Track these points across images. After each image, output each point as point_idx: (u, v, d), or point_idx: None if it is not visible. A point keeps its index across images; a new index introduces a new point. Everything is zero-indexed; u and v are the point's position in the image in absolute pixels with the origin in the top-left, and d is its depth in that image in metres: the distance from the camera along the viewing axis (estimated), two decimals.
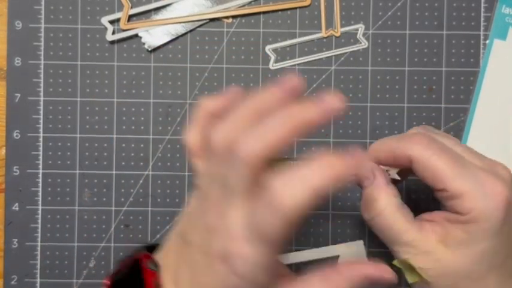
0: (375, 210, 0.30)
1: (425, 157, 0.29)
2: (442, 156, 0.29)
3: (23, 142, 0.41)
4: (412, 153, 0.30)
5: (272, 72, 0.41)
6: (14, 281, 0.40)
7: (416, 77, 0.40)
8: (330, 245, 0.41)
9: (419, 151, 0.29)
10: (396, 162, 0.31)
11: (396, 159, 0.31)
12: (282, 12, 0.41)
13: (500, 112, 0.40)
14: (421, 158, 0.29)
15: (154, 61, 0.41)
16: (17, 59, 0.40)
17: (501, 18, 0.40)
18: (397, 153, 0.30)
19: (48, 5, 0.40)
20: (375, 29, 0.40)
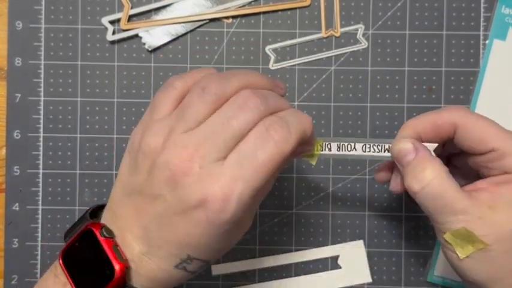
0: (424, 180, 0.29)
1: (472, 120, 0.30)
2: (486, 119, 0.30)
3: (23, 142, 0.41)
4: (457, 119, 0.30)
5: (272, 72, 0.41)
6: (14, 280, 0.40)
7: (416, 77, 0.40)
8: (330, 245, 0.41)
9: (465, 115, 0.30)
10: (438, 132, 0.31)
11: (438, 129, 0.31)
12: (282, 12, 0.41)
13: (500, 112, 0.40)
14: (468, 121, 0.30)
15: (154, 61, 0.41)
16: (18, 59, 0.41)
17: (501, 19, 0.40)
18: (439, 123, 0.31)
19: (49, 5, 0.41)
20: (374, 29, 0.41)
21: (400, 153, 0.31)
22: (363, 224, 0.41)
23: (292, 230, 0.41)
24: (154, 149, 0.27)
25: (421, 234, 0.40)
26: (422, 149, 0.30)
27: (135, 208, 0.29)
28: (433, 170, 0.29)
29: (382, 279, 0.40)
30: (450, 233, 0.28)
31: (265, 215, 0.41)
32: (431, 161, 0.30)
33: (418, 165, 0.30)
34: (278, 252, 0.41)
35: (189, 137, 0.27)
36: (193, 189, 0.26)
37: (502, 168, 0.29)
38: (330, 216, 0.41)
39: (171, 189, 0.27)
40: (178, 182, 0.27)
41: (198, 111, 0.27)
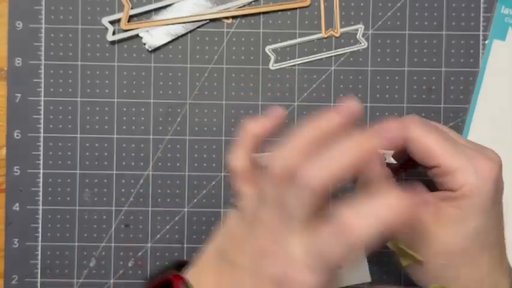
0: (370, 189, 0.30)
1: (419, 135, 0.30)
2: (435, 135, 0.30)
3: (23, 142, 0.41)
4: (407, 133, 0.30)
5: (272, 72, 0.41)
6: (14, 280, 0.40)
7: (416, 77, 0.40)
8: None
9: (414, 130, 0.30)
10: (391, 145, 0.31)
11: (391, 143, 0.31)
12: (282, 12, 0.41)
13: (500, 112, 0.40)
14: (416, 136, 0.30)
15: (154, 61, 0.41)
16: (18, 59, 0.41)
17: (500, 19, 0.40)
18: (393, 136, 0.31)
19: (49, 6, 0.41)
20: (374, 29, 0.41)
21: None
22: None
23: None
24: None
25: None
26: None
27: (218, 271, 0.27)
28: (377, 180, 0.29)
29: (382, 279, 0.40)
30: (391, 243, 0.30)
31: None
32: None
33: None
34: None
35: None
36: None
37: (446, 184, 0.30)
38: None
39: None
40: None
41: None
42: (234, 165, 0.28)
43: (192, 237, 0.41)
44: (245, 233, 0.26)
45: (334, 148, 0.23)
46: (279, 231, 0.24)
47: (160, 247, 0.41)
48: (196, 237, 0.41)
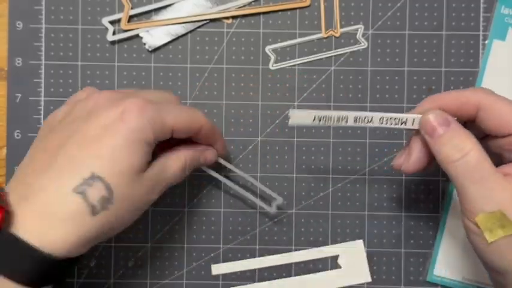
0: (465, 149, 0.29)
1: (496, 101, 0.30)
2: (508, 102, 0.30)
3: (23, 142, 0.41)
4: (481, 99, 0.30)
5: (272, 72, 0.41)
6: None
7: (416, 77, 0.40)
8: (330, 245, 0.41)
9: (489, 96, 0.30)
10: (461, 110, 0.31)
11: (462, 107, 0.31)
12: (282, 12, 0.41)
13: None
14: (492, 102, 0.30)
15: (154, 61, 0.41)
16: (18, 59, 0.41)
17: (500, 19, 0.40)
18: (463, 100, 0.30)
19: (49, 6, 0.41)
20: (374, 29, 0.41)
21: (431, 124, 0.30)
22: (363, 224, 0.41)
23: (292, 230, 0.41)
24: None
25: (421, 234, 0.40)
26: (454, 121, 0.30)
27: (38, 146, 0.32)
28: (471, 140, 0.29)
29: (382, 279, 0.41)
30: (483, 215, 0.27)
31: (265, 215, 0.41)
32: (467, 132, 0.29)
33: (456, 135, 0.29)
34: (278, 252, 0.41)
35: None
36: (118, 101, 0.31)
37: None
38: (330, 216, 0.41)
39: (89, 110, 0.31)
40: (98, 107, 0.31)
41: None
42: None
43: (192, 237, 0.41)
44: (62, 120, 0.32)
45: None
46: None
47: (160, 247, 0.41)
48: (196, 237, 0.41)
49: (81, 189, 0.28)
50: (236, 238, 0.41)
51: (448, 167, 0.29)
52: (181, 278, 0.41)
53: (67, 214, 0.28)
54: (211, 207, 0.41)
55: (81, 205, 0.28)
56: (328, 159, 0.41)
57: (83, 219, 0.28)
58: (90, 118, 0.30)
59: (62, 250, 0.28)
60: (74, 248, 0.28)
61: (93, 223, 0.29)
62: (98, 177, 0.29)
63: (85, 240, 0.29)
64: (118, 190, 0.29)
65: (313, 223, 0.41)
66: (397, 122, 0.32)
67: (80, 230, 0.28)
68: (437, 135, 0.30)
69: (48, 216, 0.28)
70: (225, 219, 0.41)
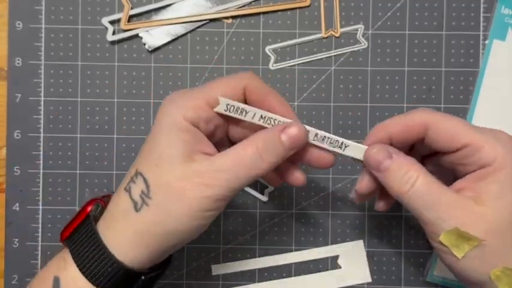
0: (411, 180, 0.29)
1: (442, 119, 0.30)
2: (455, 117, 0.30)
3: (23, 142, 0.41)
4: (427, 119, 0.30)
5: (272, 72, 0.41)
6: (14, 280, 0.40)
7: (416, 77, 0.40)
8: (330, 245, 0.41)
9: (434, 115, 0.30)
10: (409, 133, 0.31)
11: (410, 130, 0.31)
12: (282, 12, 0.41)
13: (500, 112, 0.40)
14: (438, 120, 0.30)
15: (154, 61, 0.41)
16: (18, 59, 0.41)
17: (500, 19, 0.40)
18: (410, 124, 0.31)
19: (49, 6, 0.41)
20: (374, 29, 0.41)
21: (375, 158, 0.30)
22: (363, 224, 0.41)
23: (292, 230, 0.41)
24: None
25: (421, 234, 0.40)
26: (396, 152, 0.30)
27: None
28: (415, 169, 0.29)
29: (382, 279, 0.41)
30: (444, 234, 0.28)
31: (265, 215, 0.41)
32: (410, 162, 0.30)
33: (401, 166, 0.30)
34: (278, 252, 0.41)
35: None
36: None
37: (477, 162, 0.29)
38: (330, 216, 0.41)
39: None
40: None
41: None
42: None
43: None
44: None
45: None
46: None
47: None
48: (196, 237, 0.41)
49: (128, 187, 0.29)
50: (236, 238, 0.41)
51: (400, 198, 0.30)
52: (181, 278, 0.41)
53: (119, 213, 0.30)
54: None
55: (127, 202, 0.29)
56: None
57: (129, 216, 0.29)
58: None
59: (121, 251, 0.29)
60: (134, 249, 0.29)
61: (139, 219, 0.29)
62: (139, 173, 0.29)
63: (140, 239, 0.29)
64: (154, 181, 0.29)
65: (313, 223, 0.41)
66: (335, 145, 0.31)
67: (130, 227, 0.29)
68: (383, 169, 0.30)
69: (109, 217, 0.30)
70: (225, 219, 0.41)
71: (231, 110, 0.30)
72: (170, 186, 0.28)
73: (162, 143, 0.29)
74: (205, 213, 0.29)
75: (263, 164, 0.29)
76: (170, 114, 0.29)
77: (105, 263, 0.29)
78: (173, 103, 0.30)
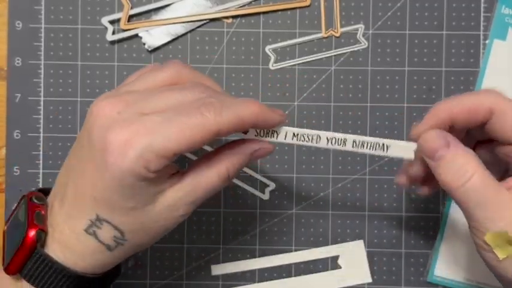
0: (466, 175, 0.27)
1: (509, 105, 0.28)
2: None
3: (23, 142, 0.41)
4: (495, 104, 0.28)
5: (272, 72, 0.41)
6: None
7: (416, 77, 0.40)
8: (330, 245, 0.41)
9: (503, 101, 0.28)
10: (473, 117, 0.29)
11: (474, 114, 0.29)
12: (282, 12, 0.41)
13: None
14: (506, 108, 0.28)
15: (154, 61, 0.41)
16: (17, 59, 0.41)
17: (501, 19, 0.40)
18: (476, 107, 0.28)
19: (49, 5, 0.41)
20: (374, 29, 0.40)
21: (430, 146, 0.28)
22: (363, 224, 0.41)
23: (292, 230, 0.41)
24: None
25: (421, 234, 0.40)
26: (454, 142, 0.28)
27: (64, 166, 0.30)
28: (472, 164, 0.27)
29: (382, 279, 0.40)
30: (490, 234, 0.27)
31: (265, 215, 0.41)
32: (468, 155, 0.28)
33: (458, 158, 0.28)
34: (278, 252, 0.41)
35: (127, 95, 0.28)
36: (101, 131, 0.26)
37: None
38: (330, 216, 0.41)
39: (88, 134, 0.27)
40: (93, 125, 0.27)
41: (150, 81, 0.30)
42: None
43: (192, 237, 0.41)
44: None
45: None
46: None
47: (160, 247, 0.41)
48: (196, 237, 0.41)
49: (91, 231, 0.28)
50: (236, 238, 0.41)
51: (451, 191, 0.28)
52: (181, 278, 0.41)
53: (85, 252, 0.29)
54: (211, 207, 0.41)
55: (96, 244, 0.28)
56: (328, 159, 0.41)
57: (101, 255, 0.29)
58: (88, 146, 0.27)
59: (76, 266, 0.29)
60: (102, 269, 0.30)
61: (113, 255, 0.29)
62: (103, 220, 0.28)
63: (111, 265, 0.30)
64: (128, 228, 0.28)
65: (313, 223, 0.41)
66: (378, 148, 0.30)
67: (102, 261, 0.29)
68: (437, 158, 0.28)
69: (69, 252, 0.29)
70: (225, 219, 0.41)
71: (261, 134, 0.30)
72: (147, 227, 0.28)
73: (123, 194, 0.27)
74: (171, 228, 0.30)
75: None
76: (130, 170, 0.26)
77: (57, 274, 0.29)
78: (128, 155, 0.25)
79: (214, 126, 0.26)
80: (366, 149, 0.30)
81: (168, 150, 0.26)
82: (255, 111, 0.28)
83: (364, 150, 0.30)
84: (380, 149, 0.30)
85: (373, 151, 0.30)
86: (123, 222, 0.28)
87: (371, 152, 0.30)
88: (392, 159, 0.40)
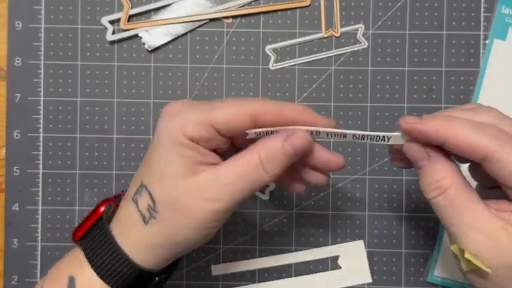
0: (441, 188, 0.27)
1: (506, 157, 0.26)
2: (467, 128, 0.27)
3: (23, 142, 0.41)
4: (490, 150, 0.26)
5: (272, 72, 0.41)
6: (14, 281, 0.40)
7: (416, 77, 0.40)
8: (330, 245, 0.41)
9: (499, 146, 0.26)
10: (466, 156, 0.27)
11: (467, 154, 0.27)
12: (282, 12, 0.41)
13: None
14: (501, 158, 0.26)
15: (154, 61, 0.41)
16: (17, 59, 0.41)
17: (501, 19, 0.40)
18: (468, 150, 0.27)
19: (48, 5, 0.40)
20: (374, 29, 0.40)
21: (414, 156, 0.29)
22: (363, 224, 0.41)
23: (292, 230, 0.41)
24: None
25: (421, 234, 0.40)
26: (435, 154, 0.28)
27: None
28: (450, 177, 0.27)
29: (382, 279, 0.40)
30: (455, 246, 0.28)
31: (265, 215, 0.41)
32: (447, 168, 0.28)
33: (434, 171, 0.28)
34: (278, 252, 0.41)
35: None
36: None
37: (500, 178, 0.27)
38: (330, 216, 0.41)
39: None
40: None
41: None
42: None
43: None
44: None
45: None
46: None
47: None
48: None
49: (135, 198, 0.30)
50: (236, 238, 0.41)
51: (428, 200, 0.28)
52: (181, 278, 0.41)
53: (129, 222, 0.30)
54: None
55: (136, 214, 0.29)
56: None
57: (139, 227, 0.29)
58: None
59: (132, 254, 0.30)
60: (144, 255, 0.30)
61: (147, 231, 0.29)
62: (144, 186, 0.29)
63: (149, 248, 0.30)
64: (159, 197, 0.29)
65: (313, 223, 0.41)
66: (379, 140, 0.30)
67: (140, 237, 0.29)
68: (418, 167, 0.29)
69: (120, 224, 0.30)
70: None
71: (261, 134, 0.30)
72: (175, 202, 0.28)
73: (162, 159, 0.29)
74: (211, 223, 0.29)
75: (266, 175, 0.29)
76: (170, 131, 0.29)
77: (120, 263, 0.29)
78: (173, 118, 0.29)
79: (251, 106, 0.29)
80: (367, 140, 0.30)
81: (203, 120, 0.28)
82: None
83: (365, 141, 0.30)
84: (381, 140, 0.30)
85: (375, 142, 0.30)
86: (155, 189, 0.29)
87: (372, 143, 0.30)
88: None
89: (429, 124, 0.28)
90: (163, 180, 0.29)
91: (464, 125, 0.27)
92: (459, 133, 0.27)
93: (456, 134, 0.27)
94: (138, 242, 0.29)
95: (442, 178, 0.28)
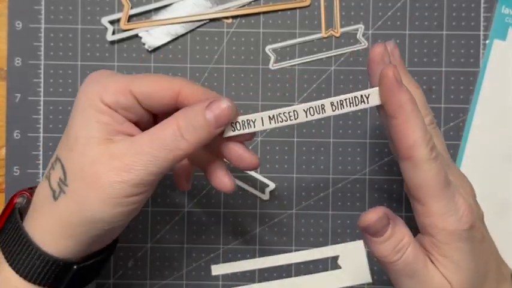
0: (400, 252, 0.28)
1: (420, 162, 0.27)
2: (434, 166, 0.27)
3: (23, 142, 0.41)
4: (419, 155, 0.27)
5: (272, 72, 0.41)
6: None
7: (416, 77, 0.40)
8: (330, 245, 0.41)
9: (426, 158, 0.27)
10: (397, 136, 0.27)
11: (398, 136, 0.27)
12: (282, 12, 0.41)
13: (500, 112, 0.40)
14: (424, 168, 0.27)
15: (154, 61, 0.41)
16: (17, 59, 0.41)
17: (501, 19, 0.40)
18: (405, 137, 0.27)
19: (48, 5, 0.41)
20: (374, 29, 0.40)
21: (373, 229, 0.28)
22: None
23: (292, 230, 0.41)
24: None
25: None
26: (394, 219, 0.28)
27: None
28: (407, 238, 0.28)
29: (382, 280, 0.40)
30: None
31: (265, 215, 0.41)
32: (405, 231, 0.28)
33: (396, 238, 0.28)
34: (278, 252, 0.41)
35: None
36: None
37: (422, 225, 0.28)
38: (330, 216, 0.41)
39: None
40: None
41: None
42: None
43: (192, 237, 0.41)
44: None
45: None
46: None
47: (160, 247, 0.41)
48: (196, 237, 0.41)
49: (48, 174, 0.28)
50: (236, 238, 0.41)
51: (385, 265, 0.28)
52: (181, 278, 0.41)
53: (39, 202, 0.28)
54: (211, 207, 0.41)
55: (46, 190, 0.27)
56: (328, 159, 0.41)
57: (48, 205, 0.27)
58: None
59: (46, 242, 0.27)
60: (57, 240, 0.27)
61: (58, 208, 0.27)
62: (58, 159, 0.27)
63: (61, 229, 0.27)
64: (70, 167, 0.27)
65: (313, 223, 0.41)
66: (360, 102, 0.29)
67: (51, 217, 0.27)
68: (379, 236, 0.28)
69: (31, 207, 0.29)
70: (225, 219, 0.41)
71: (237, 127, 0.29)
72: (84, 171, 0.26)
73: (77, 124, 0.27)
74: (125, 199, 0.26)
75: (185, 144, 0.26)
76: (87, 94, 0.27)
77: (32, 256, 0.27)
78: (93, 82, 0.28)
79: (177, 83, 0.28)
80: (346, 107, 0.29)
81: (123, 87, 0.27)
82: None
83: (345, 109, 0.29)
84: (361, 102, 0.29)
85: (355, 107, 0.29)
86: (68, 158, 0.27)
87: (353, 109, 0.29)
88: (392, 159, 0.40)
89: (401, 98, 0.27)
90: (75, 148, 0.27)
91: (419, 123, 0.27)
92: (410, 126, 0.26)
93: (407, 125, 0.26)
94: (50, 224, 0.27)
95: (401, 239, 0.28)
